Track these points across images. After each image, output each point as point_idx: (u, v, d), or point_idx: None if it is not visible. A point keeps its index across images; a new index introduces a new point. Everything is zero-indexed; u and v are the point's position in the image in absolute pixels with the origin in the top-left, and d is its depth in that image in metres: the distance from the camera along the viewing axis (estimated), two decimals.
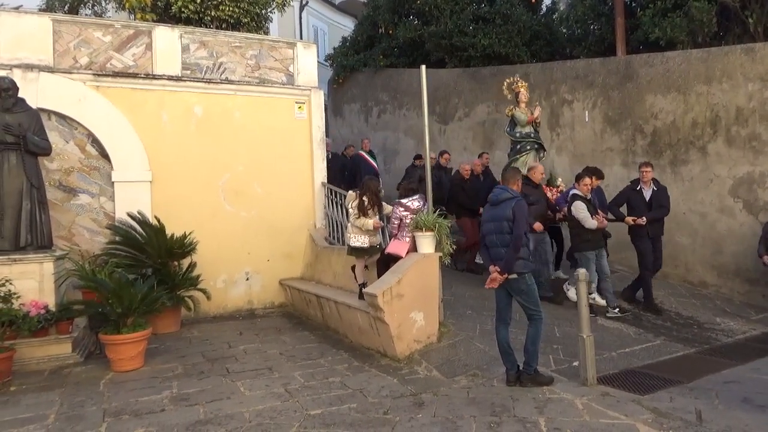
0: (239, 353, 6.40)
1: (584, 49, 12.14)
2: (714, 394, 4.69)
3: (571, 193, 7.44)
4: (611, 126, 9.88)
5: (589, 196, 7.29)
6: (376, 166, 11.52)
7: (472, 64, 13.09)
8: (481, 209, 8.21)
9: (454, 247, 6.25)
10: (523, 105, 8.66)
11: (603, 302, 7.35)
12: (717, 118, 8.53)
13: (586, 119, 10.28)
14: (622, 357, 5.75)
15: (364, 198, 6.69)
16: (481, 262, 9.10)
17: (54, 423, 4.42)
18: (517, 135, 8.66)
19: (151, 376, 5.57)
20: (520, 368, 4.97)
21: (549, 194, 8.31)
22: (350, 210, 6.79)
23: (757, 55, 8.15)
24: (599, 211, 7.39)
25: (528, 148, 8.58)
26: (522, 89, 8.73)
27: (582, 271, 5.07)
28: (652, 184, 7.70)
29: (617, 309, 7.21)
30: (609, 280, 7.35)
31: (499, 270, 4.85)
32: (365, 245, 6.73)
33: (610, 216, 7.66)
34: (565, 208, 7.63)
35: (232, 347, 6.68)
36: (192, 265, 7.91)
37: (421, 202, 6.34)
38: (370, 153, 11.82)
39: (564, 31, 13.40)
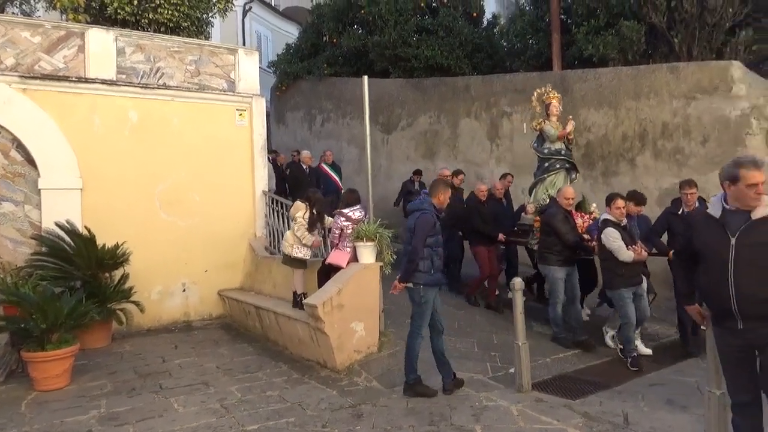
0: (174, 368, 6.19)
1: (523, 62, 12.51)
2: (640, 397, 4.90)
3: (602, 218, 6.25)
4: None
5: (624, 222, 6.09)
6: (337, 180, 10.87)
7: (416, 74, 13.27)
8: (501, 236, 7.90)
9: (395, 257, 6.25)
10: (554, 118, 7.85)
11: (648, 350, 6.30)
12: (645, 132, 8.96)
13: (525, 131, 10.55)
14: (556, 363, 5.92)
15: (314, 211, 6.68)
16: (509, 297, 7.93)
17: None
18: (545, 152, 7.83)
19: (77, 395, 5.31)
20: (456, 376, 5.02)
21: (579, 221, 7.15)
22: (299, 221, 6.68)
23: (681, 74, 8.63)
24: (638, 242, 6.15)
25: (557, 166, 7.76)
26: (554, 101, 7.94)
27: (517, 281, 5.19)
28: (697, 207, 6.31)
29: (630, 359, 5.88)
30: (641, 326, 6.18)
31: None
32: (307, 257, 6.72)
33: (653, 250, 6.46)
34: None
35: (167, 362, 6.45)
36: (124, 277, 7.59)
37: (363, 212, 6.35)
38: (333, 165, 11.27)
39: (504, 44, 13.77)
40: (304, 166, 10.78)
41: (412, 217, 5.05)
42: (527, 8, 13.00)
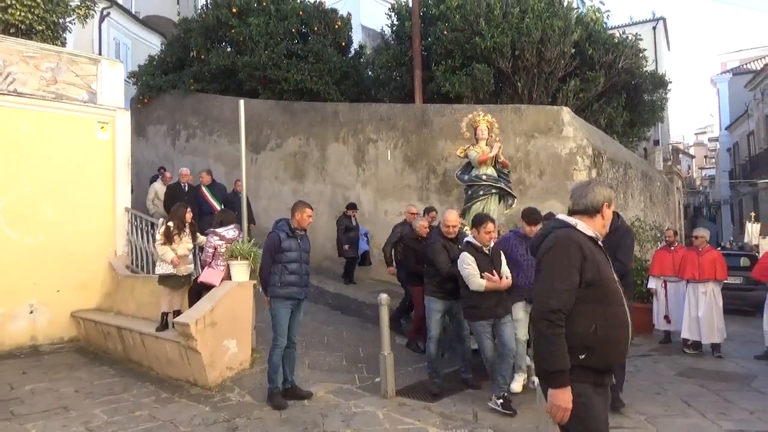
0: (25, 394, 5.79)
1: (388, 92, 13.32)
2: (488, 398, 5.56)
3: (464, 240, 5.63)
4: (410, 165, 11.02)
5: (488, 246, 5.44)
6: (213, 202, 9.98)
7: (285, 97, 13.52)
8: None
9: None
10: (482, 143, 7.18)
11: (518, 387, 5.69)
12: None
13: (389, 157, 11.30)
14: (417, 371, 6.46)
15: (170, 224, 6.67)
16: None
17: None
18: (465, 178, 7.17)
19: None
20: (286, 392, 5.42)
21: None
22: (157, 237, 6.69)
23: (523, 115, 9.88)
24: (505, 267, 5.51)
25: (481, 193, 7.01)
26: (481, 124, 7.26)
27: (383, 296, 5.66)
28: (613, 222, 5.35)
29: (501, 400, 5.13)
30: (511, 360, 5.34)
31: None
32: (169, 271, 6.66)
33: (508, 279, 5.44)
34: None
35: (16, 388, 6.00)
36: None
37: (237, 232, 6.48)
38: (213, 186, 10.42)
39: (370, 74, 14.55)
40: (182, 184, 10.41)
41: None
42: (392, 42, 13.91)
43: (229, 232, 6.41)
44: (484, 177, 7.11)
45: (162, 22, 21.98)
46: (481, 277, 5.22)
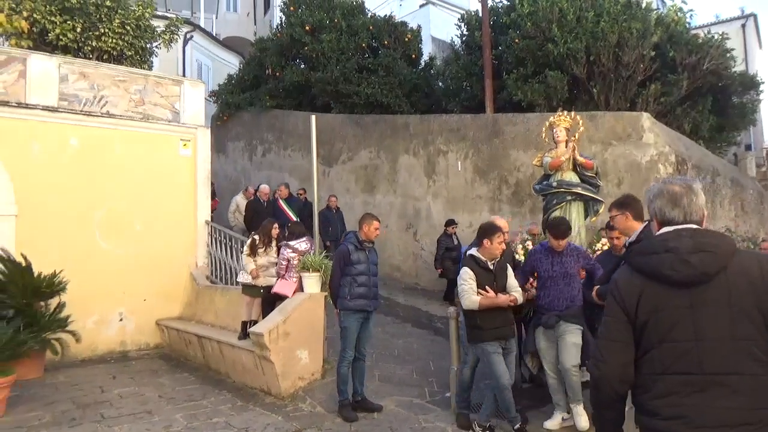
0: (114, 398, 6.15)
1: (458, 103, 13.26)
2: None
3: (468, 253, 4.96)
4: (480, 176, 10.88)
5: (495, 259, 4.78)
6: (290, 214, 10.37)
7: (356, 110, 13.76)
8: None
9: None
10: (561, 146, 6.36)
11: (584, 425, 4.75)
12: None
13: (459, 168, 11.21)
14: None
15: (256, 237, 6.92)
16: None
17: None
18: (537, 188, 6.57)
19: (14, 427, 5.21)
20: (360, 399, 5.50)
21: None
22: (245, 248, 6.97)
23: (599, 122, 9.51)
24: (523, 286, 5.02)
25: (555, 202, 6.19)
26: (560, 125, 6.37)
27: (451, 309, 5.59)
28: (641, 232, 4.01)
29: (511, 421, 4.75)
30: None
31: None
32: (248, 281, 6.87)
33: (509, 294, 4.78)
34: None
35: (106, 392, 6.40)
36: (60, 305, 7.46)
37: (309, 244, 6.62)
38: (289, 199, 10.92)
39: (440, 85, 14.54)
40: (263, 200, 10.87)
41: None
42: (462, 53, 13.85)
43: (302, 244, 6.55)
44: (554, 184, 6.28)
45: (240, 43, 23.03)
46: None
